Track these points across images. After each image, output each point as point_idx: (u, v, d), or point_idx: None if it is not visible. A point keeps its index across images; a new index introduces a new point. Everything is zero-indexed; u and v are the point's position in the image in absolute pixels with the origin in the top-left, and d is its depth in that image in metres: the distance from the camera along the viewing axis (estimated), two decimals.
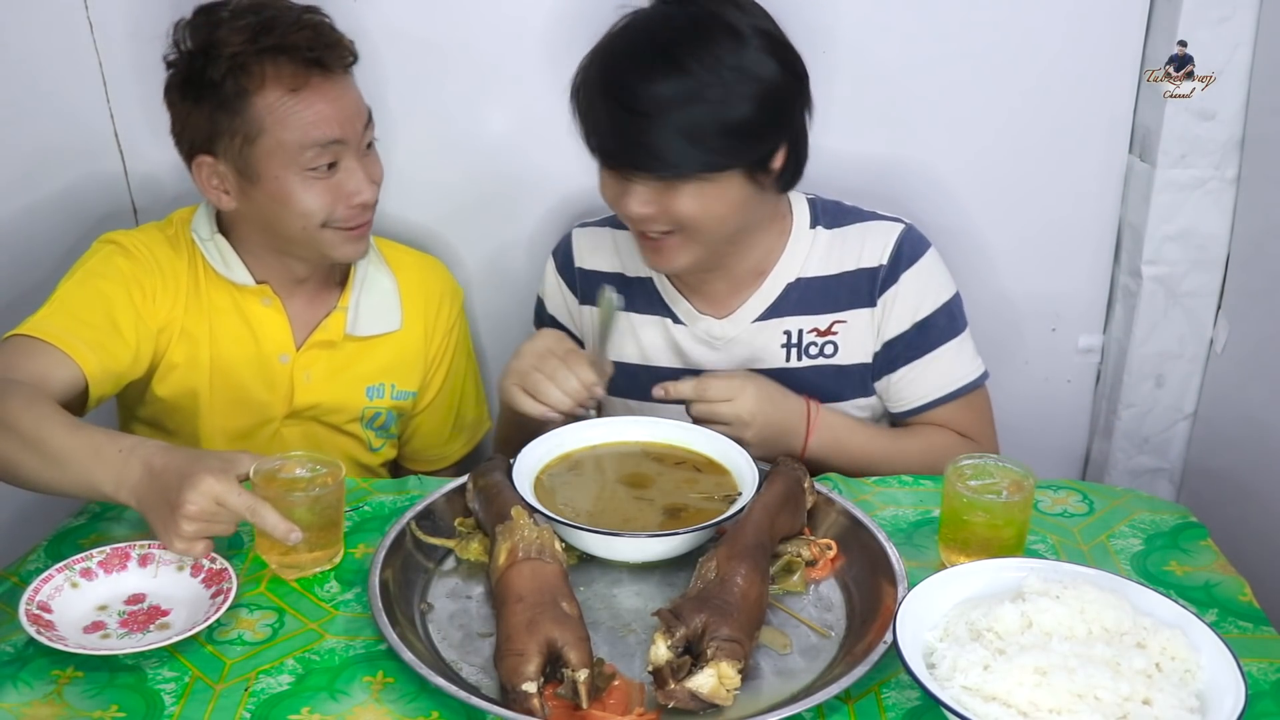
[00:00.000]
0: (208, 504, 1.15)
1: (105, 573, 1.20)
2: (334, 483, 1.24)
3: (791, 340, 1.56)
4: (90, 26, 1.75)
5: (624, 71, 1.37)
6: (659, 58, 1.36)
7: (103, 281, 1.50)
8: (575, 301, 1.66)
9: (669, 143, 1.35)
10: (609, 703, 1.03)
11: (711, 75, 1.34)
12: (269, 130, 1.46)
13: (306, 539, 1.21)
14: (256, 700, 1.06)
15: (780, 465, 1.32)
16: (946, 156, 1.86)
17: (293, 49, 1.45)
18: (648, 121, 1.35)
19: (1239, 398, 1.86)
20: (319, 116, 1.46)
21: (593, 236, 1.66)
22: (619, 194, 1.43)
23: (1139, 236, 1.87)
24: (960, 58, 1.79)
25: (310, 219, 1.50)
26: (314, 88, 1.46)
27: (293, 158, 1.46)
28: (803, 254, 1.56)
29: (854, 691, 1.06)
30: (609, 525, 1.24)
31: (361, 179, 1.51)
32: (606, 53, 1.41)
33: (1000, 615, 1.05)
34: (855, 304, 1.56)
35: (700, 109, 1.34)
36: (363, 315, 1.64)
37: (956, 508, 1.23)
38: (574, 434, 1.39)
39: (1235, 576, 1.26)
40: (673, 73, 1.34)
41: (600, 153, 1.42)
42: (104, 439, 1.24)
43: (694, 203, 1.39)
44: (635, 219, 1.43)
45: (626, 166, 1.39)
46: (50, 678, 1.09)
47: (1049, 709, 0.96)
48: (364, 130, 1.53)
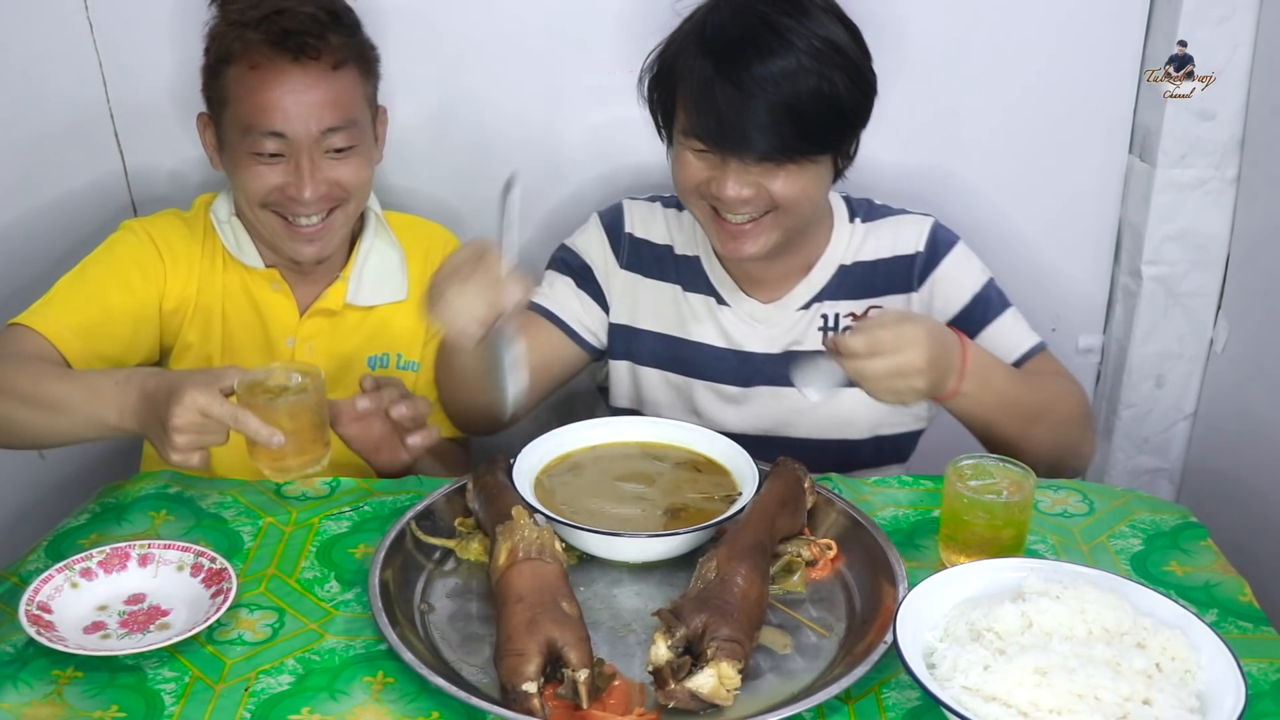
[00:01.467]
0: (194, 415, 1.23)
1: (105, 573, 1.20)
2: (312, 387, 1.30)
3: (829, 324, 1.58)
4: (90, 26, 1.75)
5: (734, 50, 1.35)
6: (770, 35, 1.34)
7: (100, 270, 1.55)
8: (616, 265, 1.62)
9: (784, 122, 1.34)
10: (609, 703, 1.03)
11: (817, 53, 1.35)
12: (231, 101, 1.49)
13: (291, 442, 1.28)
14: (256, 700, 1.06)
15: (780, 465, 1.31)
16: (946, 156, 1.86)
17: (268, 27, 1.45)
18: (765, 101, 1.34)
19: (1239, 398, 1.86)
20: (267, 103, 1.46)
21: (645, 209, 1.64)
22: (712, 176, 1.41)
23: (1139, 236, 1.87)
24: (960, 58, 1.79)
25: (252, 195, 1.52)
26: (276, 72, 1.45)
27: (242, 135, 1.49)
28: (845, 244, 1.58)
29: (854, 691, 1.06)
30: (609, 525, 1.24)
31: (304, 178, 1.48)
32: (705, 33, 1.39)
33: (1000, 615, 1.05)
34: (891, 289, 1.57)
35: (811, 87, 1.34)
36: (365, 285, 1.64)
37: (956, 508, 1.23)
38: (574, 434, 1.38)
39: (1235, 576, 1.26)
40: (784, 50, 1.34)
41: (702, 134, 1.38)
42: (99, 377, 1.35)
43: (790, 185, 1.40)
44: (730, 202, 1.40)
45: (736, 148, 1.37)
46: (50, 678, 1.08)
47: (1049, 709, 0.96)
48: (324, 134, 1.48)
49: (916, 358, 1.29)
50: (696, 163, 1.42)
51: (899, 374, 1.29)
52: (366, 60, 1.56)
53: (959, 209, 1.86)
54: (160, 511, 1.36)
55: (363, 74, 1.55)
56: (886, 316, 1.35)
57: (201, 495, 1.39)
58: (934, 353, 1.31)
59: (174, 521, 1.34)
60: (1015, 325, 1.57)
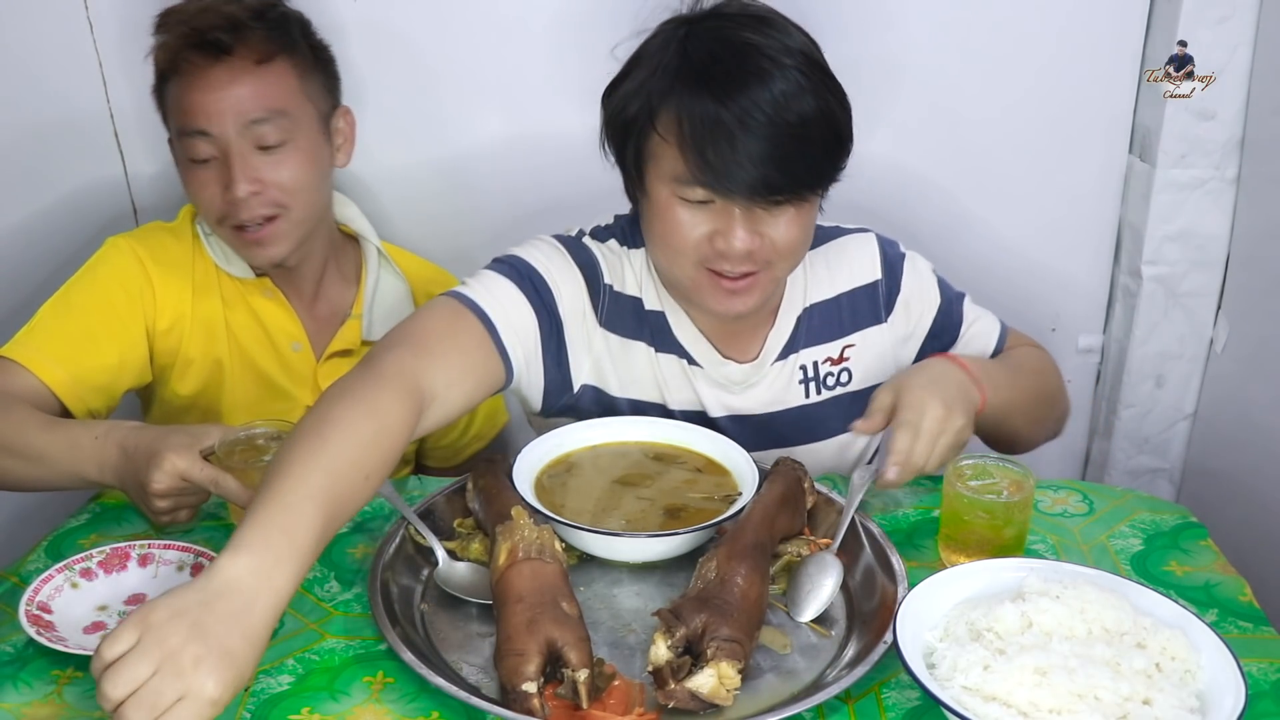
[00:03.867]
0: (173, 481, 1.23)
1: (105, 573, 1.20)
2: None
3: (808, 375, 1.47)
4: (90, 26, 1.75)
5: (731, 80, 1.22)
6: (759, 57, 1.23)
7: (82, 295, 1.52)
8: (596, 322, 1.40)
9: (794, 154, 1.23)
10: (609, 703, 1.03)
11: (804, 71, 1.24)
12: (170, 116, 1.50)
13: None
14: (256, 700, 1.06)
15: (780, 465, 1.32)
16: (946, 156, 1.86)
17: (190, 34, 1.45)
18: (774, 132, 1.21)
19: (1239, 398, 1.86)
20: (192, 104, 1.47)
21: (612, 255, 1.43)
22: (715, 230, 1.27)
23: (1139, 236, 1.87)
24: (960, 58, 1.79)
25: (201, 207, 1.52)
26: (199, 73, 1.45)
27: (179, 144, 1.50)
28: (800, 283, 1.46)
29: (854, 691, 1.06)
30: (609, 525, 1.24)
31: (233, 174, 1.46)
32: (690, 65, 1.25)
33: (1000, 615, 1.05)
34: (861, 324, 1.48)
35: (812, 109, 1.23)
36: (377, 321, 1.65)
37: (956, 508, 1.23)
38: (574, 434, 1.38)
39: (1235, 576, 1.26)
40: (779, 72, 1.22)
41: (710, 180, 1.23)
42: (79, 429, 1.32)
43: (791, 229, 1.28)
44: (738, 255, 1.27)
45: (749, 190, 1.23)
46: (50, 678, 1.08)
47: (1049, 709, 0.96)
48: (248, 126, 1.47)
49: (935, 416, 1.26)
50: (693, 217, 1.28)
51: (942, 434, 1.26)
52: (303, 55, 1.53)
53: (959, 209, 1.87)
54: None
55: (298, 69, 1.52)
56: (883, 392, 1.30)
57: None
58: (946, 393, 1.29)
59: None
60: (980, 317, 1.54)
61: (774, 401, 1.47)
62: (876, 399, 1.31)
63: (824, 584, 1.19)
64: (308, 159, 1.53)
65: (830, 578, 1.19)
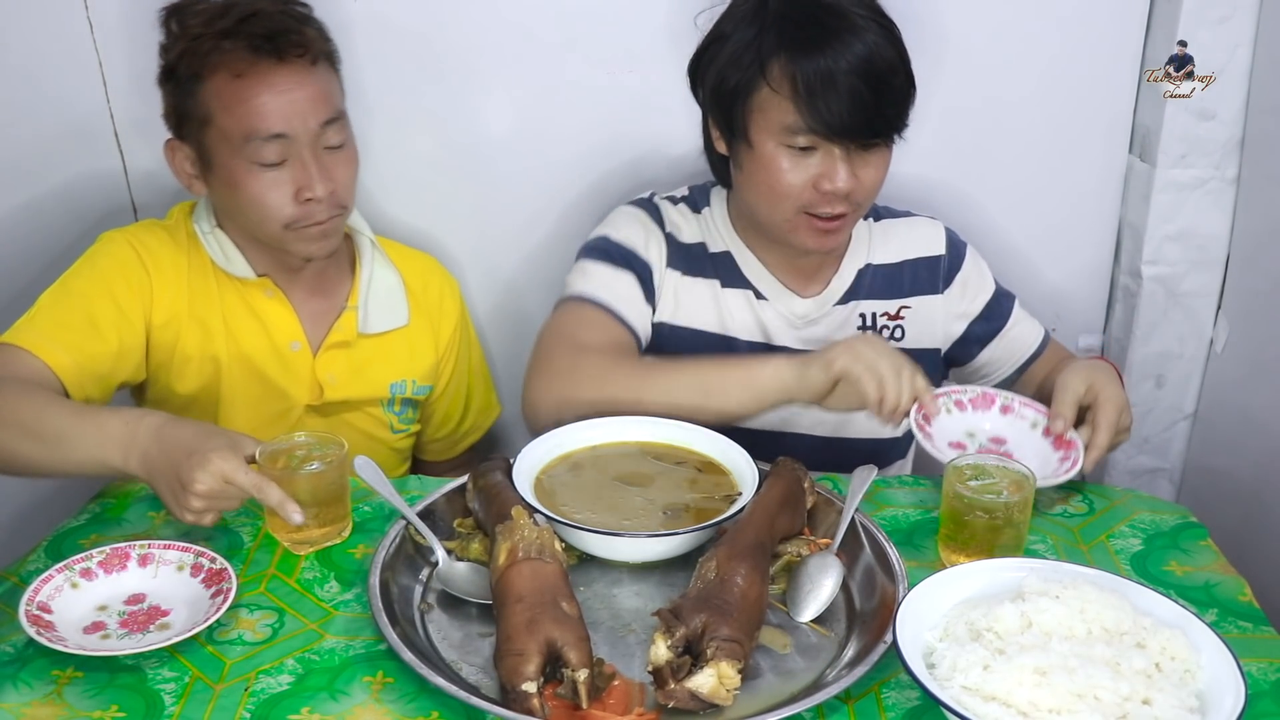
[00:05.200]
0: (216, 483, 1.20)
1: (105, 573, 1.20)
2: (335, 460, 1.28)
3: (866, 322, 1.61)
4: (90, 26, 1.75)
5: (827, 38, 1.37)
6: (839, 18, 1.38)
7: (83, 282, 1.51)
8: (664, 264, 1.59)
9: (885, 100, 1.39)
10: (609, 703, 1.03)
11: (877, 27, 1.39)
12: (216, 116, 1.46)
13: (315, 514, 1.26)
14: (256, 700, 1.06)
15: (780, 465, 1.32)
16: (946, 157, 1.86)
17: (244, 34, 1.43)
18: (870, 81, 1.37)
19: (1239, 398, 1.86)
20: (263, 107, 1.44)
21: (672, 209, 1.62)
22: (821, 172, 1.42)
23: (1139, 236, 1.87)
24: (960, 58, 1.79)
25: (264, 212, 1.48)
26: (260, 75, 1.44)
27: (238, 147, 1.46)
28: (865, 242, 1.62)
29: (854, 691, 1.06)
30: (609, 525, 1.24)
31: (312, 175, 1.47)
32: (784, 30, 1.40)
33: (1000, 615, 1.05)
34: (918, 290, 1.62)
35: (890, 59, 1.39)
36: (372, 313, 1.65)
37: (956, 508, 1.23)
38: (574, 434, 1.38)
39: (1235, 576, 1.26)
40: (861, 29, 1.38)
41: (823, 127, 1.38)
42: (107, 414, 1.29)
43: (879, 171, 1.45)
44: (840, 194, 1.42)
45: (857, 133, 1.39)
46: (50, 678, 1.08)
47: (1049, 709, 0.96)
48: (321, 128, 1.48)
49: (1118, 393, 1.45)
50: (796, 164, 1.42)
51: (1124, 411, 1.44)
52: (334, 57, 1.55)
53: (959, 209, 1.86)
54: (160, 511, 1.36)
55: (334, 69, 1.54)
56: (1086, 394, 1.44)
57: None
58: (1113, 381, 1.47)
59: (174, 522, 1.33)
60: (1027, 317, 1.68)
61: (831, 339, 1.53)
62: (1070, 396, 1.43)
63: (824, 584, 1.19)
64: (356, 158, 1.56)
65: (830, 578, 1.19)
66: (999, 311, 1.65)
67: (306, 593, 1.22)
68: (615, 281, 1.56)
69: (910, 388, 1.34)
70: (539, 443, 1.36)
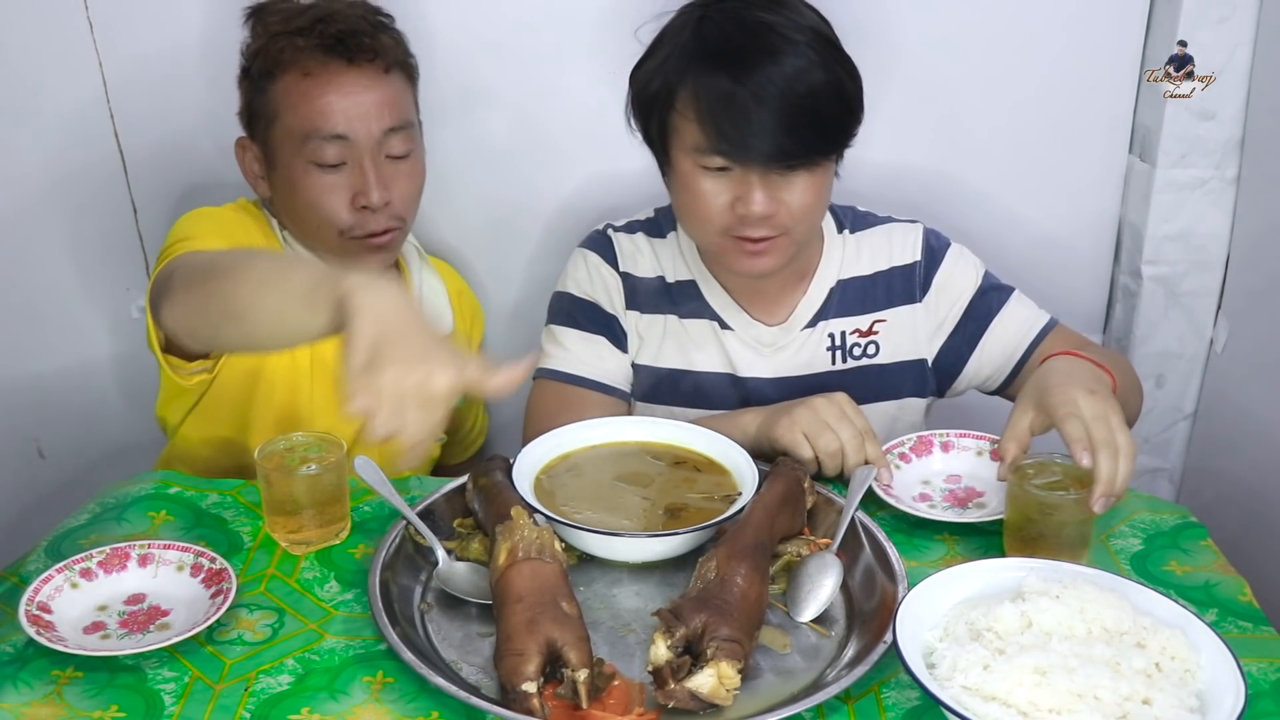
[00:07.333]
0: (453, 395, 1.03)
1: (105, 573, 1.20)
2: (333, 460, 1.27)
3: (836, 343, 1.56)
4: (90, 26, 1.75)
5: (745, 57, 1.33)
6: (771, 35, 1.33)
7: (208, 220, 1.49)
8: (622, 304, 1.57)
9: (803, 124, 1.33)
10: (609, 703, 1.03)
11: (815, 47, 1.34)
12: (282, 113, 1.46)
13: (312, 514, 1.25)
14: (256, 700, 1.06)
15: (780, 465, 1.32)
16: (946, 157, 1.86)
17: (318, 33, 1.43)
18: (785, 104, 1.32)
19: (1239, 398, 1.86)
20: (327, 107, 1.44)
21: (629, 243, 1.58)
22: (737, 196, 1.38)
23: (1139, 236, 1.87)
24: (960, 58, 1.79)
25: (320, 215, 1.47)
26: (330, 76, 1.43)
27: (299, 146, 1.45)
28: (838, 257, 1.57)
29: (854, 691, 1.06)
30: (609, 525, 1.24)
31: (369, 181, 1.46)
32: (706, 45, 1.35)
33: (1000, 615, 1.05)
34: (894, 302, 1.57)
35: (820, 81, 1.34)
36: None
37: (1025, 507, 1.22)
38: (574, 434, 1.38)
39: (1235, 576, 1.26)
40: (790, 49, 1.33)
41: (727, 149, 1.35)
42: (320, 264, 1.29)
43: (805, 194, 1.39)
44: (757, 218, 1.38)
45: (763, 157, 1.34)
46: (50, 678, 1.08)
47: (1049, 709, 0.96)
48: (384, 135, 1.47)
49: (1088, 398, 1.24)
50: (714, 185, 1.39)
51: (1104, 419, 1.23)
52: (411, 69, 1.54)
53: (959, 210, 1.87)
54: (160, 511, 1.36)
55: (409, 81, 1.53)
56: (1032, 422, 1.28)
57: (201, 495, 1.39)
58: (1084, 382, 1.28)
59: (174, 521, 1.34)
60: (1024, 308, 1.59)
61: (801, 366, 1.55)
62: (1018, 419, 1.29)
63: (824, 584, 1.19)
64: (421, 173, 1.53)
65: (830, 578, 1.19)
66: (982, 309, 1.57)
67: (306, 593, 1.22)
68: (586, 350, 1.55)
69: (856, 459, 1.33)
70: (539, 443, 1.36)
